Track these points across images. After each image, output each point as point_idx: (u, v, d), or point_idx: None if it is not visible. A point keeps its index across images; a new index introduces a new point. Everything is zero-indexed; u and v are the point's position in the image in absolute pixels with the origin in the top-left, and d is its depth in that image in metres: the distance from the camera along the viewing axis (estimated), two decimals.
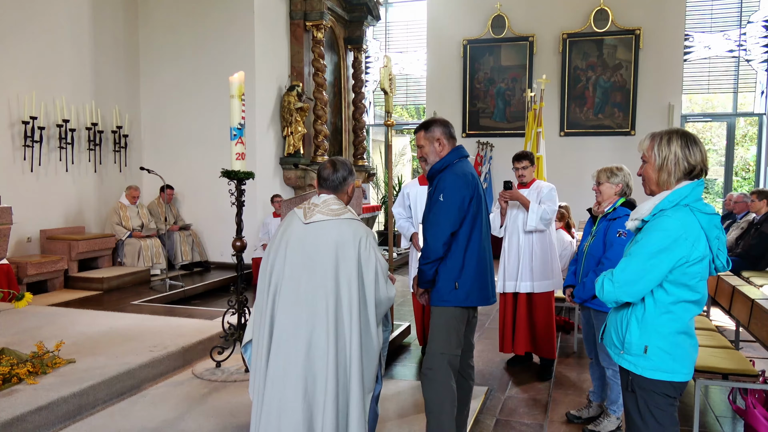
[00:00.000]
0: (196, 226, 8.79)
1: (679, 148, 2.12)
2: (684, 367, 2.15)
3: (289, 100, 8.74)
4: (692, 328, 2.20)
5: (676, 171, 2.12)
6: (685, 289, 2.11)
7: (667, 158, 2.13)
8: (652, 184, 2.20)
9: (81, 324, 5.17)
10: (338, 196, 2.70)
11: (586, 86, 11.16)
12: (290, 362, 2.52)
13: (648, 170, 2.20)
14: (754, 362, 3.53)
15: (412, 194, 4.93)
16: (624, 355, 2.21)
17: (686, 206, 2.10)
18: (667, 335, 2.13)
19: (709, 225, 2.11)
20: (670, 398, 2.17)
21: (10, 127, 6.93)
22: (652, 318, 2.14)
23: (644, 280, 2.09)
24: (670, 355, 2.13)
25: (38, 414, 3.37)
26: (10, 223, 5.03)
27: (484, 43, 11.66)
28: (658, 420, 2.16)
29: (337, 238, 2.56)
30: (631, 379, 2.20)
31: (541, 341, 4.62)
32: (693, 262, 2.08)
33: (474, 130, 11.89)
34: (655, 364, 2.14)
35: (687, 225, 2.06)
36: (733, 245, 7.44)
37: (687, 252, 2.06)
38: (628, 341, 2.19)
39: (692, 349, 2.19)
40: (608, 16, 10.91)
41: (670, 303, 2.12)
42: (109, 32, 8.38)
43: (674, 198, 2.11)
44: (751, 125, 12.09)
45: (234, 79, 4.29)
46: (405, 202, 4.99)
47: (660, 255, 2.06)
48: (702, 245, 2.08)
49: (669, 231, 2.06)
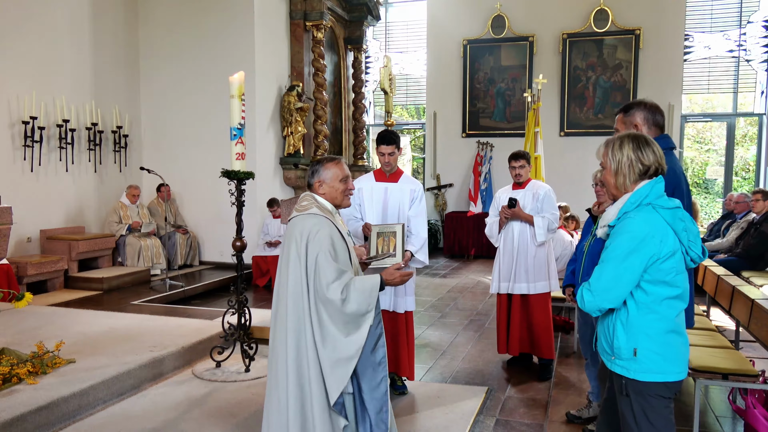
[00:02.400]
0: (196, 225, 8.80)
1: (631, 150, 2.18)
2: (676, 366, 2.15)
3: (289, 100, 8.74)
4: (681, 326, 2.19)
5: (631, 173, 2.18)
6: (664, 286, 2.13)
7: (621, 162, 2.19)
8: (611, 188, 2.26)
9: (81, 324, 5.17)
10: (313, 191, 2.73)
11: (586, 86, 11.16)
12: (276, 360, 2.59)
13: (606, 176, 2.26)
14: (754, 362, 3.53)
15: (366, 190, 4.10)
16: (615, 361, 2.21)
17: (648, 205, 2.15)
18: (655, 336, 2.13)
19: (674, 219, 2.14)
20: (664, 399, 2.17)
21: (10, 127, 6.93)
22: (637, 320, 2.15)
23: (621, 284, 2.11)
24: (661, 356, 2.13)
25: (38, 414, 3.37)
26: (10, 223, 5.02)
27: (484, 43, 11.66)
28: (652, 423, 2.16)
29: (293, 235, 2.57)
30: (624, 383, 2.19)
31: (539, 341, 4.62)
32: (664, 257, 2.10)
33: (474, 130, 11.89)
34: (647, 366, 2.14)
35: (651, 223, 2.10)
36: (733, 245, 7.45)
37: (656, 249, 2.09)
38: (617, 346, 2.19)
39: (683, 347, 2.19)
40: (608, 16, 10.91)
41: (652, 302, 2.13)
42: (109, 32, 8.39)
43: (635, 199, 2.16)
44: (751, 125, 12.08)
45: (234, 79, 4.29)
46: (355, 201, 3.99)
47: (631, 257, 2.09)
48: (670, 240, 2.11)
49: (635, 232, 2.10)
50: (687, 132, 12.40)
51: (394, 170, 4.11)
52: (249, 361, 4.42)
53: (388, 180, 4.11)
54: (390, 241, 3.20)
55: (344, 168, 2.77)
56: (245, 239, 4.52)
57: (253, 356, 4.46)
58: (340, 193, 2.73)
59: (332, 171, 2.71)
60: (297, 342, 2.50)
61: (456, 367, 4.83)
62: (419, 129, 13.52)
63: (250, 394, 4.01)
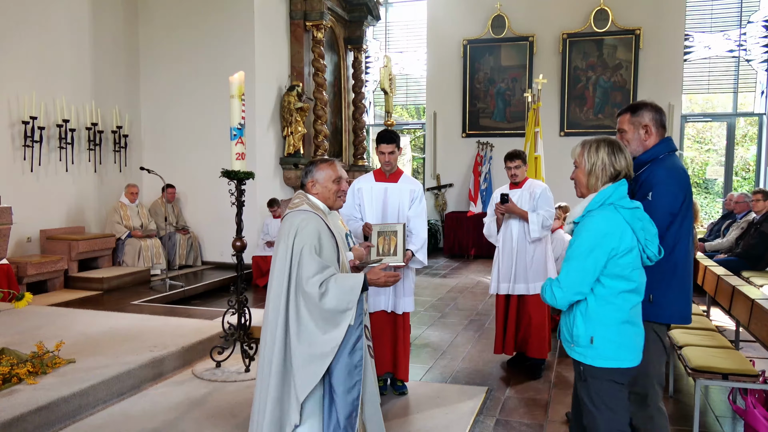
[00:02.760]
0: (196, 225, 8.80)
1: (606, 155, 2.36)
2: (629, 353, 2.31)
3: (289, 100, 8.74)
4: (635, 317, 2.35)
5: (603, 176, 2.36)
6: (621, 280, 2.29)
7: (596, 164, 2.36)
8: (582, 187, 2.42)
9: (81, 324, 5.17)
10: (306, 191, 2.77)
11: (586, 86, 11.16)
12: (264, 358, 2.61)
13: (579, 175, 2.43)
14: (754, 362, 3.53)
15: (366, 191, 4.10)
16: (574, 348, 2.36)
17: (611, 205, 2.31)
18: (610, 325, 2.29)
19: (632, 218, 2.31)
20: (618, 384, 2.32)
21: (10, 127, 6.93)
22: (595, 311, 2.31)
23: (587, 277, 2.28)
24: (615, 344, 2.29)
25: (38, 414, 3.37)
26: (10, 223, 5.03)
27: (484, 43, 11.66)
28: (609, 406, 2.32)
29: (283, 231, 2.61)
30: (582, 369, 2.36)
31: (532, 341, 4.61)
32: (622, 253, 2.27)
33: (474, 130, 11.89)
34: (602, 353, 2.30)
35: (611, 220, 2.27)
36: (733, 245, 7.44)
37: (615, 244, 2.25)
38: (576, 334, 2.34)
39: (636, 337, 2.35)
40: (608, 16, 10.91)
41: (609, 295, 2.29)
42: (109, 32, 8.38)
43: (599, 199, 2.32)
44: (751, 125, 12.08)
45: (234, 79, 4.29)
46: (355, 201, 4.10)
47: (594, 251, 2.26)
48: (628, 237, 2.28)
49: (596, 229, 2.27)
50: (687, 132, 12.40)
51: (394, 170, 4.10)
52: (249, 361, 4.42)
53: (387, 180, 4.10)
54: (391, 241, 3.20)
55: (338, 169, 2.78)
56: (245, 239, 4.52)
57: (253, 356, 4.46)
58: (333, 194, 2.76)
59: (325, 172, 2.74)
60: (281, 336, 2.51)
61: (456, 367, 4.83)
62: (419, 129, 13.52)
63: (250, 394, 3.99)
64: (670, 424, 3.73)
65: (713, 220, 9.33)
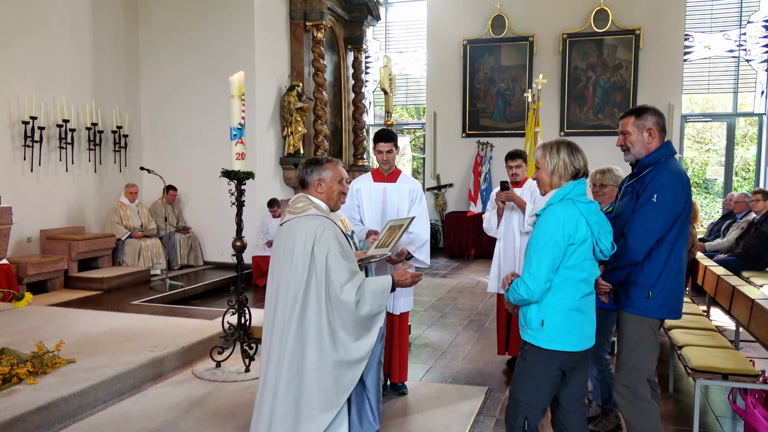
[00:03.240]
0: (196, 225, 8.80)
1: (566, 155, 2.53)
2: (575, 338, 2.47)
3: (289, 100, 8.74)
4: (585, 306, 2.50)
5: (566, 174, 2.53)
6: (574, 269, 2.46)
7: (558, 164, 2.53)
8: (545, 186, 2.58)
9: (81, 324, 5.17)
10: (308, 192, 2.68)
11: (586, 86, 11.16)
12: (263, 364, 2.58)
13: (542, 174, 2.59)
14: (754, 362, 3.52)
15: (363, 191, 4.07)
16: (527, 330, 2.53)
17: (569, 200, 2.49)
18: (560, 311, 2.46)
19: (588, 212, 2.49)
20: (555, 367, 2.49)
21: (10, 127, 6.93)
22: (548, 297, 2.47)
23: (554, 264, 2.43)
24: (564, 328, 2.46)
25: (38, 414, 3.37)
26: (10, 223, 5.02)
27: (484, 43, 11.66)
28: (537, 382, 2.51)
29: (293, 237, 2.51)
30: (527, 349, 2.54)
31: None
32: (577, 243, 2.44)
33: (474, 130, 11.89)
34: (550, 335, 2.46)
35: (568, 212, 2.46)
36: (733, 245, 7.44)
37: (572, 232, 2.43)
38: (529, 317, 2.51)
39: (583, 324, 2.50)
40: (608, 16, 10.91)
41: (562, 283, 2.45)
42: (109, 32, 8.38)
43: (560, 194, 2.51)
44: (751, 125, 12.09)
45: (234, 79, 4.29)
46: (353, 202, 4.09)
47: (554, 239, 2.42)
48: (583, 228, 2.46)
49: (554, 221, 2.44)
50: (687, 132, 12.40)
51: (392, 170, 4.07)
52: (249, 361, 4.42)
53: (386, 180, 4.06)
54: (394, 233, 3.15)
55: (341, 170, 2.76)
56: (245, 239, 4.52)
57: (253, 356, 4.46)
58: (336, 194, 2.72)
59: (332, 171, 2.69)
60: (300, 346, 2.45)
61: (456, 367, 4.83)
62: (419, 129, 13.52)
63: (250, 394, 4.00)
64: (671, 424, 3.74)
65: (713, 220, 9.33)
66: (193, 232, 8.68)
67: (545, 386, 2.51)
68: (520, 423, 2.53)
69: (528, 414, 2.53)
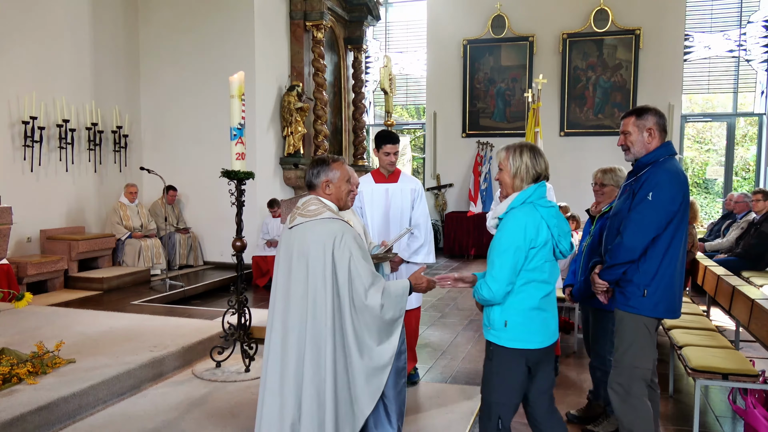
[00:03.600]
0: (196, 225, 8.80)
1: (528, 159, 2.57)
2: (537, 336, 2.53)
3: (289, 100, 8.74)
4: (546, 304, 2.56)
5: (527, 177, 2.57)
6: (535, 271, 2.51)
7: (520, 167, 2.57)
8: (507, 188, 2.62)
9: (81, 324, 5.17)
10: (317, 194, 2.61)
11: (586, 86, 11.16)
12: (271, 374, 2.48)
13: (504, 176, 2.63)
14: (754, 362, 3.52)
15: (367, 193, 4.11)
16: (490, 330, 2.57)
17: (531, 203, 2.54)
18: (522, 311, 2.51)
19: (549, 215, 2.54)
20: (521, 365, 2.53)
21: (10, 127, 6.93)
22: (509, 298, 2.52)
23: (517, 266, 2.47)
24: (525, 327, 2.51)
25: (38, 414, 3.36)
26: (10, 223, 5.02)
27: (484, 43, 11.66)
28: (505, 381, 2.55)
29: (310, 241, 2.43)
30: (492, 349, 2.58)
31: None
32: (539, 246, 2.49)
33: (474, 130, 11.89)
34: (513, 335, 2.51)
35: (530, 215, 2.50)
36: (733, 245, 7.44)
37: (533, 236, 2.48)
38: (492, 318, 2.55)
39: (545, 322, 2.55)
40: (608, 16, 10.91)
41: (523, 284, 2.50)
42: (109, 32, 8.38)
43: (521, 197, 2.55)
44: (751, 125, 12.09)
45: (234, 79, 4.29)
46: (356, 204, 4.03)
47: (516, 244, 2.46)
48: (544, 232, 2.51)
49: (518, 223, 2.48)
50: (687, 132, 12.40)
51: (393, 170, 4.12)
52: (249, 361, 4.42)
53: (387, 181, 4.09)
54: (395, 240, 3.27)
55: (348, 168, 2.71)
56: (245, 239, 4.52)
57: (253, 356, 4.46)
58: (345, 194, 2.66)
59: (339, 171, 2.63)
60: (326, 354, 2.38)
61: (456, 367, 4.83)
62: (419, 129, 13.52)
63: (250, 394, 4.00)
64: (671, 424, 3.74)
65: (713, 220, 9.33)
66: (193, 232, 8.68)
67: (515, 384, 2.55)
68: (494, 423, 2.57)
69: (501, 413, 2.57)
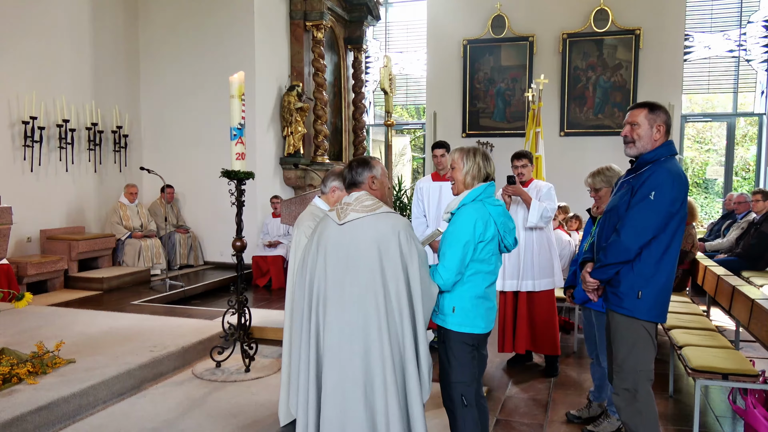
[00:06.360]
0: (196, 225, 8.80)
1: (480, 160, 2.84)
2: (481, 322, 2.77)
3: (289, 100, 8.74)
4: (489, 294, 2.81)
5: (478, 176, 2.83)
6: (481, 263, 2.74)
7: (472, 167, 2.83)
8: (460, 185, 2.86)
9: (81, 324, 5.17)
10: (363, 190, 2.64)
11: (586, 86, 11.15)
12: (347, 371, 2.43)
13: (457, 174, 2.86)
14: (754, 362, 3.52)
15: (425, 190, 5.01)
16: (439, 315, 2.80)
17: (480, 201, 2.77)
18: (468, 299, 2.74)
19: (497, 213, 2.77)
20: (469, 346, 2.77)
21: (10, 127, 6.93)
22: (458, 286, 2.75)
23: (465, 258, 2.69)
24: (471, 313, 2.75)
25: (38, 414, 3.37)
26: (10, 223, 5.02)
27: (484, 43, 11.65)
28: (460, 362, 2.77)
29: (376, 234, 2.47)
30: (443, 332, 2.80)
31: (544, 338, 4.62)
32: (487, 241, 2.73)
33: (474, 130, 11.88)
34: (460, 320, 2.74)
35: (480, 212, 2.73)
36: (733, 245, 7.44)
37: (482, 231, 2.71)
38: (442, 304, 2.79)
39: (488, 310, 2.80)
40: (608, 16, 10.91)
41: (471, 275, 2.74)
42: (109, 32, 8.38)
43: (472, 195, 2.78)
44: (751, 125, 12.09)
45: (234, 79, 4.29)
46: (417, 197, 5.06)
47: (466, 238, 2.68)
48: (492, 228, 2.75)
49: (469, 219, 2.70)
50: (687, 132, 12.40)
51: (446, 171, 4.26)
52: (249, 361, 4.42)
53: (441, 179, 4.84)
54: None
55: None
56: (245, 239, 4.52)
57: (253, 356, 4.46)
58: (388, 190, 2.78)
59: (380, 168, 2.72)
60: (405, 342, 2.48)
61: None
62: (419, 129, 13.52)
63: (250, 394, 4.01)
64: (671, 424, 3.74)
65: (713, 220, 9.33)
66: (193, 232, 8.69)
67: (468, 362, 2.79)
68: (457, 400, 2.77)
69: (462, 390, 2.78)
